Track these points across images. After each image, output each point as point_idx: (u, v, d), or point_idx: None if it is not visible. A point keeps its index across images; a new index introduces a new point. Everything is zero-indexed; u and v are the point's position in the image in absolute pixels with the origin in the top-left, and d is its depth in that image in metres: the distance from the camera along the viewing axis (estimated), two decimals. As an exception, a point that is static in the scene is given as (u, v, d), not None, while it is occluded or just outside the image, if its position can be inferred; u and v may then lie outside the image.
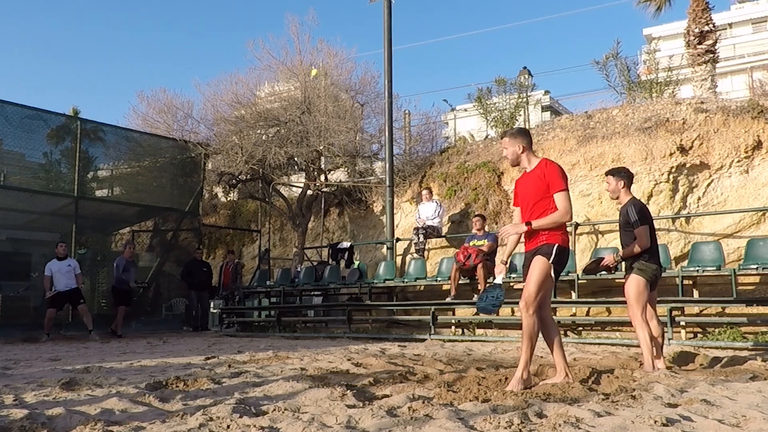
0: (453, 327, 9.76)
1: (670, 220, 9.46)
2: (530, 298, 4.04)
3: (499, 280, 4.47)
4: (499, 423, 2.85)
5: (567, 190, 4.14)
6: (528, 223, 4.13)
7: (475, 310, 9.73)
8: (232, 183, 15.80)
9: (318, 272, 12.22)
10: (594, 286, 9.17)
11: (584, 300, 8.67)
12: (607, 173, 5.45)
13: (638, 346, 7.07)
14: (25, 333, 10.68)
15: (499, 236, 10.37)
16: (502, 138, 4.51)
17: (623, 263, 5.31)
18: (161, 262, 14.58)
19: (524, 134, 4.40)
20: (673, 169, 9.63)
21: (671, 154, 9.63)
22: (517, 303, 4.09)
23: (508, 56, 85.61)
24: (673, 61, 14.41)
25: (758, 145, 9.31)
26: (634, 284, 4.99)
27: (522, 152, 4.31)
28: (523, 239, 4.32)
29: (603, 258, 5.51)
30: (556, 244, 4.07)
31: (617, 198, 5.31)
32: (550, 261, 4.05)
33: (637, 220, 5.02)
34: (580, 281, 8.76)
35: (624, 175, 5.27)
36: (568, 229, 9.83)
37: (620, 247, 5.37)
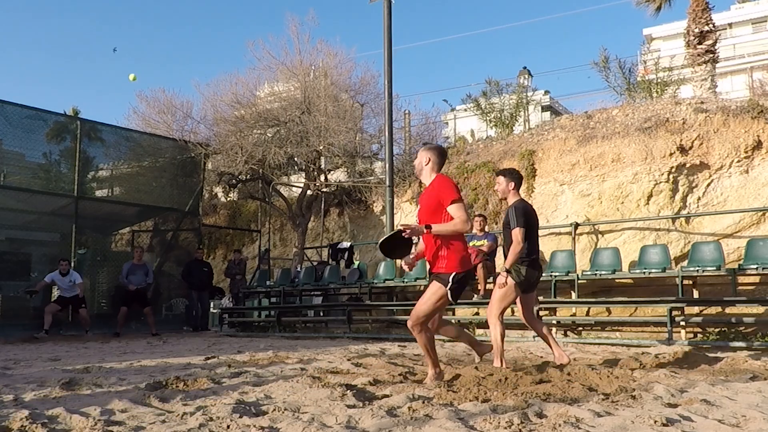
0: (453, 327, 9.76)
1: (670, 220, 9.46)
2: (417, 319, 4.22)
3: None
4: (499, 423, 2.85)
5: (461, 201, 4.16)
6: (428, 226, 4.13)
7: (475, 310, 9.75)
8: (232, 183, 15.81)
9: (318, 272, 12.22)
10: (594, 286, 9.18)
11: (584, 300, 8.68)
12: (498, 173, 5.51)
13: (638, 346, 7.10)
14: (25, 333, 10.69)
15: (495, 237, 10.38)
16: (420, 150, 4.56)
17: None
18: (161, 262, 14.58)
19: (436, 151, 4.43)
20: (673, 169, 9.64)
21: (671, 154, 9.64)
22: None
23: (508, 56, 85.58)
24: (673, 62, 14.42)
25: (758, 145, 9.31)
26: (498, 282, 5.12)
27: (426, 164, 4.37)
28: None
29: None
30: (453, 273, 4.15)
31: (506, 198, 5.38)
32: (447, 288, 4.16)
33: (516, 222, 5.05)
34: (580, 281, 8.76)
35: (515, 176, 5.33)
36: (568, 229, 9.85)
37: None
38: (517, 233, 5.02)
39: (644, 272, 8.40)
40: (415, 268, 10.70)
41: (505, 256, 5.17)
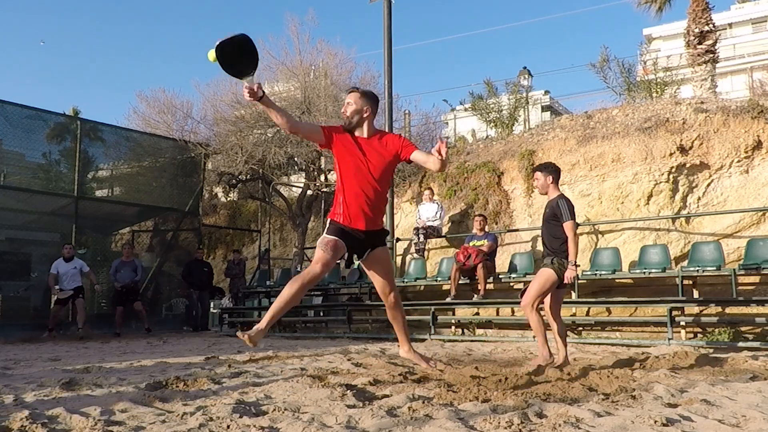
0: (453, 327, 9.77)
1: (670, 220, 9.46)
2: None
3: None
4: (499, 423, 2.85)
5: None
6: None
7: (475, 310, 9.75)
8: (232, 183, 15.81)
9: (318, 272, 12.19)
10: (594, 286, 9.17)
11: (584, 300, 8.68)
12: (534, 169, 5.52)
13: (638, 346, 7.10)
14: (25, 333, 10.69)
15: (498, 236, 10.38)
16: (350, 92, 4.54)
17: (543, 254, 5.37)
18: (161, 262, 14.58)
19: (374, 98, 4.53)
20: (673, 169, 9.63)
21: (671, 154, 9.63)
22: (516, 302, 4.14)
23: (508, 56, 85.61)
24: (672, 62, 14.42)
25: (758, 145, 9.31)
26: (545, 277, 5.11)
27: (366, 115, 4.41)
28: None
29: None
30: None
31: (546, 193, 5.38)
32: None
33: (567, 215, 5.07)
34: (580, 281, 8.76)
35: (552, 170, 5.34)
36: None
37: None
38: (570, 226, 5.04)
39: (644, 272, 8.40)
40: (415, 268, 10.79)
41: (549, 250, 5.21)
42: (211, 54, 3.66)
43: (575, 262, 5.04)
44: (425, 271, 10.72)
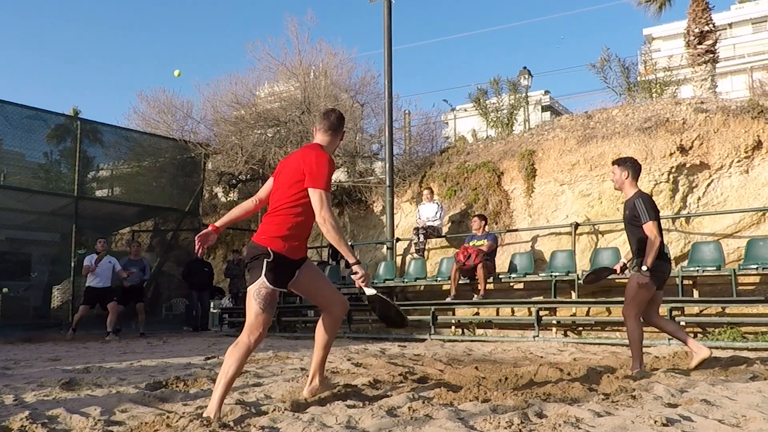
0: (453, 327, 9.77)
1: (670, 220, 9.46)
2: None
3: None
4: (499, 423, 2.85)
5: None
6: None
7: (475, 310, 9.75)
8: (232, 183, 15.82)
9: (318, 272, 12.20)
10: (594, 286, 9.14)
11: (584, 300, 8.67)
12: (613, 162, 5.18)
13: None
14: (25, 333, 10.68)
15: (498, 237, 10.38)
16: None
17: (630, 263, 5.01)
18: (161, 262, 14.58)
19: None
20: (673, 169, 9.63)
21: (671, 154, 9.63)
22: (516, 302, 4.07)
23: (508, 56, 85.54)
24: (673, 62, 14.41)
25: (758, 145, 9.31)
26: (636, 282, 4.73)
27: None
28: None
29: (604, 270, 5.27)
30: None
31: (621, 189, 5.08)
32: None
33: (646, 215, 4.71)
34: (580, 281, 8.76)
35: (629, 165, 5.00)
36: (568, 229, 9.85)
37: (624, 245, 5.29)
38: (651, 227, 4.67)
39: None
40: (415, 268, 10.79)
41: (636, 253, 4.84)
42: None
43: (649, 267, 4.61)
44: (425, 271, 10.72)
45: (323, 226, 3.40)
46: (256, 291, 3.32)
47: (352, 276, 3.59)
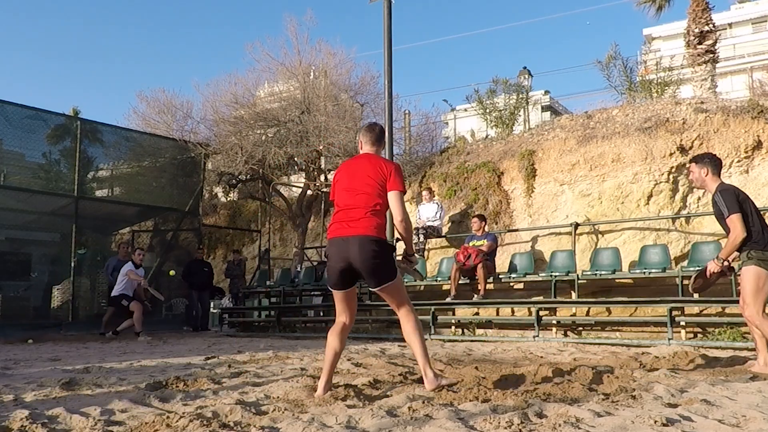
0: (453, 327, 9.77)
1: (670, 220, 9.46)
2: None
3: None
4: (499, 423, 2.85)
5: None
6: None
7: (475, 310, 9.75)
8: (232, 183, 15.82)
9: (318, 272, 12.21)
10: (594, 286, 9.17)
11: (584, 300, 8.67)
12: (691, 160, 4.87)
13: (638, 346, 7.09)
14: (25, 333, 10.67)
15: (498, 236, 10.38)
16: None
17: (739, 258, 4.65)
18: (161, 262, 14.58)
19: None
20: (673, 169, 9.63)
21: (671, 154, 9.64)
22: (516, 302, 4.06)
23: (508, 56, 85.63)
24: (673, 61, 14.40)
25: (758, 145, 9.31)
26: (752, 277, 4.38)
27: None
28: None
29: (705, 269, 4.74)
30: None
31: (702, 187, 4.84)
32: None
33: (727, 208, 4.47)
34: (580, 281, 8.77)
35: (707, 161, 4.74)
36: (568, 229, 9.85)
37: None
38: (735, 219, 4.40)
39: (644, 272, 8.40)
40: (416, 267, 10.77)
41: (740, 248, 4.55)
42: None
43: (725, 258, 4.43)
44: (425, 271, 10.72)
45: (403, 222, 3.92)
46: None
47: (410, 260, 4.29)
